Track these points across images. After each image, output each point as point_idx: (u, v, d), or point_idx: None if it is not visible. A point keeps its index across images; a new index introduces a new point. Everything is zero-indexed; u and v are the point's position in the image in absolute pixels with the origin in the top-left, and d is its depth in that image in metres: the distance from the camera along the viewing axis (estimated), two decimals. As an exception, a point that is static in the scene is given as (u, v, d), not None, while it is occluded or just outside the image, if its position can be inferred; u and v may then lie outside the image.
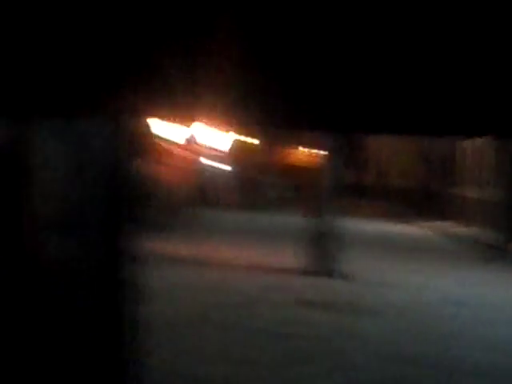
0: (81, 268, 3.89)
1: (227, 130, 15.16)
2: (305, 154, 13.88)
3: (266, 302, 10.00)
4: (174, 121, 11.52)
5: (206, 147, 17.66)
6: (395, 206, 35.00)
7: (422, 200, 32.44)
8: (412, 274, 13.62)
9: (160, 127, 15.82)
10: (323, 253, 12.26)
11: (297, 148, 13.90)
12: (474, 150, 24.93)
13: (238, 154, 17.56)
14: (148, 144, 15.17)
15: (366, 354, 7.58)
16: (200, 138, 17.09)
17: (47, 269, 3.58)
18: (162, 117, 4.30)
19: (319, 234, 12.30)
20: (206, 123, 10.12)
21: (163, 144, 16.99)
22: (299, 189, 30.28)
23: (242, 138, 16.70)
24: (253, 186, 28.11)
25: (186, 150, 17.77)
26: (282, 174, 33.90)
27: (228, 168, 21.14)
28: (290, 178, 36.28)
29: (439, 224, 25.50)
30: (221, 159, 18.85)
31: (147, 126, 14.98)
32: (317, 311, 9.63)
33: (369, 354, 7.62)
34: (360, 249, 17.02)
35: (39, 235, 3.63)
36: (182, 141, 17.13)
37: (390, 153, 39.45)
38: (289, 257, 13.54)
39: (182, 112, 2.64)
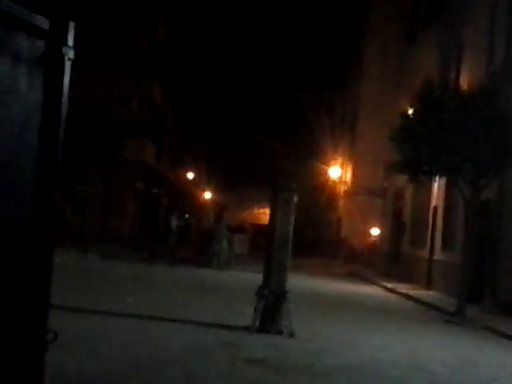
0: None
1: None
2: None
3: (216, 358, 9.72)
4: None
5: None
6: (357, 265, 34.93)
7: (388, 261, 32.38)
8: (367, 335, 13.41)
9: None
10: (273, 311, 12.02)
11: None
12: (446, 212, 24.96)
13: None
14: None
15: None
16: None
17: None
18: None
19: (270, 292, 12.07)
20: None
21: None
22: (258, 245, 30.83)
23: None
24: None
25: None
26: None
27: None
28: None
29: (402, 286, 25.37)
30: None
31: None
32: (261, 370, 9.35)
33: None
34: (315, 308, 16.87)
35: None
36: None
37: (356, 212, 39.55)
38: (241, 313, 13.32)
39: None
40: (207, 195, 67.64)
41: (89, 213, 27.71)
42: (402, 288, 24.62)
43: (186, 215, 38.88)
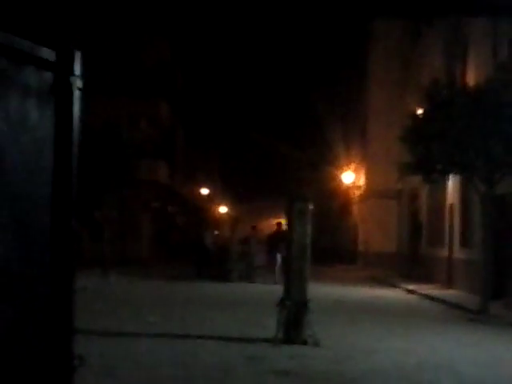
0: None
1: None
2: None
3: (241, 372, 9.73)
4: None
5: None
6: (378, 269, 34.84)
7: (407, 263, 32.28)
8: (391, 338, 13.37)
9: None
10: (296, 321, 12.02)
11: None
12: (462, 209, 24.87)
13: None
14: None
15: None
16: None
17: None
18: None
19: (292, 301, 12.08)
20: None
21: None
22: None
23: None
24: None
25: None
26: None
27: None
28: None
29: (423, 287, 25.28)
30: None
31: None
32: (288, 381, 9.35)
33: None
34: (337, 315, 16.84)
35: None
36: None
37: (372, 216, 39.46)
38: (265, 325, 13.32)
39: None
40: (222, 209, 67.69)
41: (106, 236, 27.81)
42: (423, 289, 24.54)
43: (216, 232, 39.41)
